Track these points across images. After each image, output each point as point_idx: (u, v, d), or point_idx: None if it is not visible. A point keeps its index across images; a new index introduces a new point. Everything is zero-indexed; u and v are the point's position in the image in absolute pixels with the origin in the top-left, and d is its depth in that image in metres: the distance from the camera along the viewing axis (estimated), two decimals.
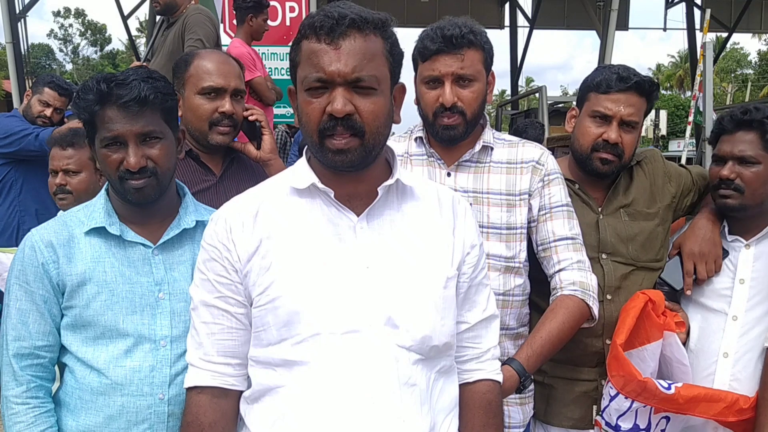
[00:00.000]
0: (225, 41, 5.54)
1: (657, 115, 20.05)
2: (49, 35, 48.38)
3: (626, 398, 1.86)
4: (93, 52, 49.18)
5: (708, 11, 8.02)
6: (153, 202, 1.62)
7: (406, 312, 1.33)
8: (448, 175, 1.95)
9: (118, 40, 48.67)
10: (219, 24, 5.01)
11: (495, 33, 17.98)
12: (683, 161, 7.73)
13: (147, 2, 12.51)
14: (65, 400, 1.59)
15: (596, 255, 2.04)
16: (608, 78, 2.02)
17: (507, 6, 17.73)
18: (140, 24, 31.72)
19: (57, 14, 48.67)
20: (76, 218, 1.63)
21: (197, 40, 4.10)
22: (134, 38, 17.23)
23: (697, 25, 13.51)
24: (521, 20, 17.34)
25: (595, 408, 2.04)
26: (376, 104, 1.30)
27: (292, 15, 6.67)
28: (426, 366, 1.36)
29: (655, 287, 2.09)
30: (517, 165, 1.95)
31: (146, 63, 4.89)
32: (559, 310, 1.84)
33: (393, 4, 14.63)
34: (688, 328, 2.06)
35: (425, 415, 1.34)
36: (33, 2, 10.99)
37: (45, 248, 1.56)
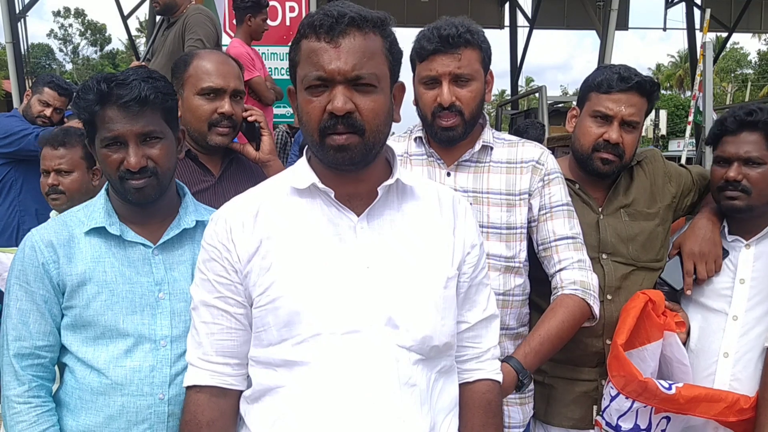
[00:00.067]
0: (226, 41, 5.53)
1: (657, 115, 20.04)
2: (49, 35, 48.43)
3: (627, 398, 1.86)
4: (93, 52, 49.22)
5: (708, 11, 8.03)
6: (153, 202, 1.62)
7: (407, 312, 1.33)
8: (448, 175, 1.95)
9: (118, 40, 48.74)
10: (220, 24, 5.00)
11: (495, 33, 18.01)
12: (683, 161, 7.73)
13: (147, 2, 12.51)
14: (65, 400, 1.59)
15: (596, 255, 2.04)
16: (609, 78, 2.02)
17: (507, 6, 17.72)
18: (140, 24, 31.72)
19: (57, 14, 48.71)
20: (76, 218, 1.63)
21: (197, 40, 4.09)
22: (134, 38, 17.23)
23: (697, 25, 13.52)
24: (521, 20, 17.35)
25: (596, 408, 2.04)
26: (377, 102, 1.30)
27: (292, 15, 6.66)
28: (426, 366, 1.36)
29: (656, 287, 2.09)
30: (517, 165, 1.95)
31: (146, 63, 4.88)
32: (559, 310, 1.83)
33: (393, 4, 14.63)
34: (689, 328, 2.06)
35: (425, 415, 1.34)
36: (33, 2, 11.00)
37: (45, 248, 1.56)
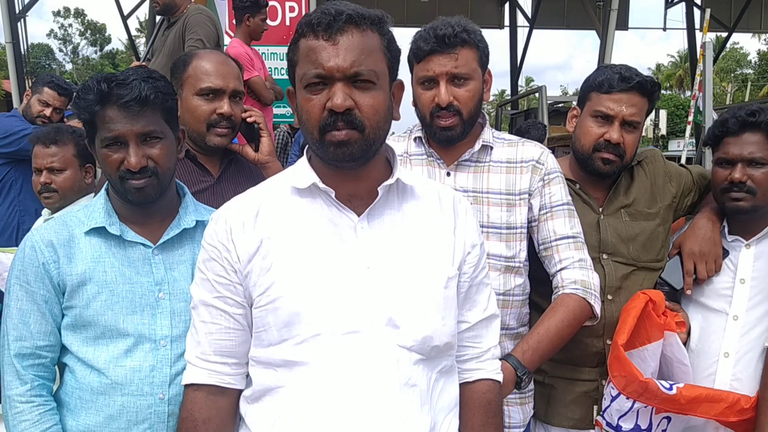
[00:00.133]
0: (228, 42, 5.53)
1: (657, 115, 20.01)
2: (49, 35, 48.39)
3: (628, 399, 1.86)
4: (93, 52, 49.19)
5: (708, 11, 8.03)
6: (153, 202, 1.62)
7: (407, 312, 1.33)
8: (448, 175, 1.95)
9: (118, 40, 48.73)
10: (220, 24, 5.00)
11: (495, 33, 18.00)
12: (683, 161, 7.73)
13: (147, 2, 12.51)
14: (65, 400, 1.59)
15: (597, 255, 2.04)
16: (610, 78, 2.02)
17: (507, 6, 17.71)
18: (140, 24, 31.71)
19: (57, 14, 48.69)
20: (76, 218, 1.63)
21: (197, 40, 4.09)
22: (134, 38, 17.22)
23: (697, 25, 13.52)
24: (521, 20, 17.33)
25: (596, 408, 2.04)
26: (376, 99, 1.30)
27: (292, 15, 6.66)
28: (427, 366, 1.36)
29: (656, 287, 2.09)
30: (517, 164, 1.95)
31: (146, 63, 4.88)
32: (559, 309, 1.84)
33: (393, 4, 14.61)
34: (689, 328, 2.06)
35: (425, 415, 1.34)
36: (33, 2, 10.99)
37: (45, 248, 1.56)
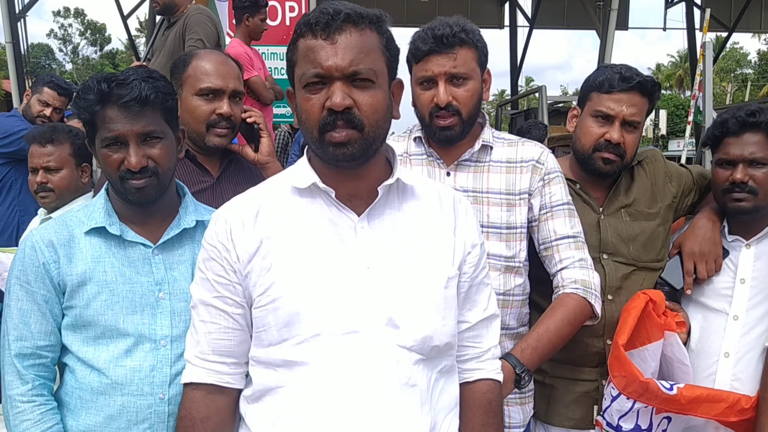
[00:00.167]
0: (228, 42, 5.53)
1: (657, 115, 20.02)
2: (49, 35, 48.39)
3: (628, 399, 1.86)
4: (93, 52, 49.18)
5: (708, 11, 8.02)
6: (153, 202, 1.62)
7: (407, 312, 1.33)
8: (448, 175, 1.95)
9: (118, 40, 48.72)
10: (221, 24, 5.00)
11: (495, 33, 17.99)
12: (683, 161, 7.73)
13: (147, 2, 12.51)
14: (65, 400, 1.59)
15: (597, 255, 2.04)
16: (611, 78, 2.02)
17: (507, 6, 17.71)
18: (140, 24, 31.71)
19: (57, 14, 48.69)
20: (76, 218, 1.63)
21: (198, 40, 4.09)
22: (134, 38, 17.21)
23: (697, 25, 13.51)
24: (521, 20, 17.32)
25: (596, 408, 2.04)
26: (375, 97, 1.30)
27: (292, 15, 6.66)
28: (427, 366, 1.36)
29: (656, 287, 2.09)
30: (517, 164, 1.95)
31: (146, 63, 4.88)
32: (558, 308, 1.84)
33: (393, 4, 14.60)
34: (689, 328, 2.06)
35: (425, 415, 1.34)
36: (33, 2, 10.99)
37: (46, 248, 1.56)
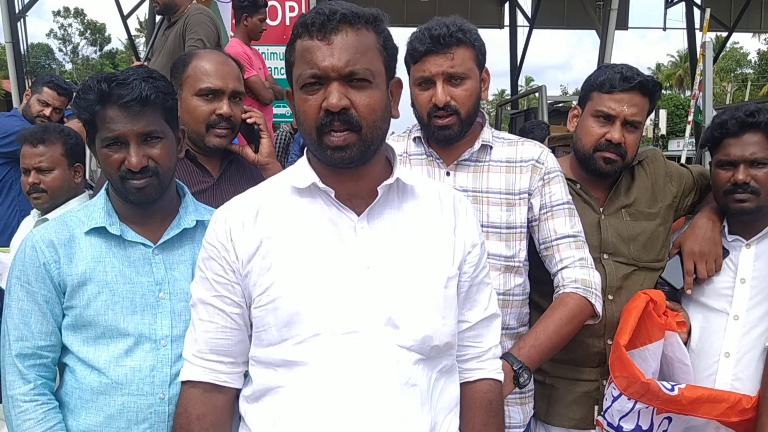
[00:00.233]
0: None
1: (657, 115, 20.01)
2: (49, 35, 48.38)
3: (629, 399, 1.86)
4: (92, 52, 49.16)
5: (708, 11, 8.02)
6: (153, 202, 1.62)
7: (407, 312, 1.33)
8: (447, 175, 1.95)
9: (118, 40, 48.71)
10: (223, 24, 5.00)
11: (494, 32, 17.99)
12: (683, 160, 7.73)
13: (146, 2, 12.51)
14: (65, 400, 1.59)
15: (598, 255, 2.03)
16: (612, 78, 2.01)
17: (506, 5, 17.71)
18: (140, 24, 31.70)
19: (57, 14, 48.68)
20: (77, 218, 1.63)
21: (198, 40, 4.09)
22: (134, 38, 17.21)
23: (697, 25, 13.50)
24: (521, 20, 17.33)
25: (597, 408, 2.04)
26: (372, 97, 1.30)
27: (292, 15, 6.66)
28: (427, 366, 1.36)
29: (656, 287, 2.09)
30: (517, 164, 1.95)
31: (146, 63, 4.88)
32: (558, 308, 1.84)
33: (393, 4, 14.60)
34: (690, 328, 2.06)
35: (425, 415, 1.34)
36: (33, 2, 10.99)
37: (46, 248, 1.56)
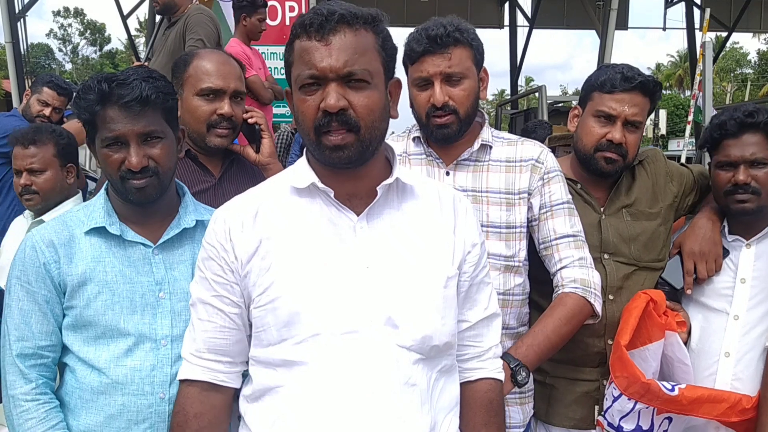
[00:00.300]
0: None
1: (657, 115, 20.02)
2: (49, 35, 48.37)
3: (629, 399, 1.86)
4: (92, 52, 49.16)
5: (707, 11, 8.02)
6: (154, 202, 1.62)
7: (406, 312, 1.33)
8: (447, 174, 1.95)
9: (118, 40, 48.71)
10: (227, 24, 5.00)
11: (494, 32, 17.99)
12: (683, 160, 7.73)
13: (146, 2, 12.51)
14: (65, 400, 1.59)
15: (598, 255, 2.03)
16: (613, 78, 2.01)
17: (506, 5, 17.71)
18: (140, 23, 31.69)
19: (56, 14, 48.67)
20: (76, 218, 1.63)
21: (198, 40, 4.09)
22: (134, 38, 17.20)
23: (697, 25, 13.50)
24: (521, 20, 17.32)
25: (597, 408, 2.04)
26: (370, 98, 1.30)
27: (292, 15, 6.67)
28: (427, 365, 1.36)
29: (656, 287, 2.09)
30: (516, 163, 1.95)
31: (146, 63, 4.88)
32: (556, 307, 1.84)
33: (393, 4, 14.59)
34: (690, 328, 2.06)
35: (425, 415, 1.34)
36: (32, 2, 10.99)
37: (46, 248, 1.56)
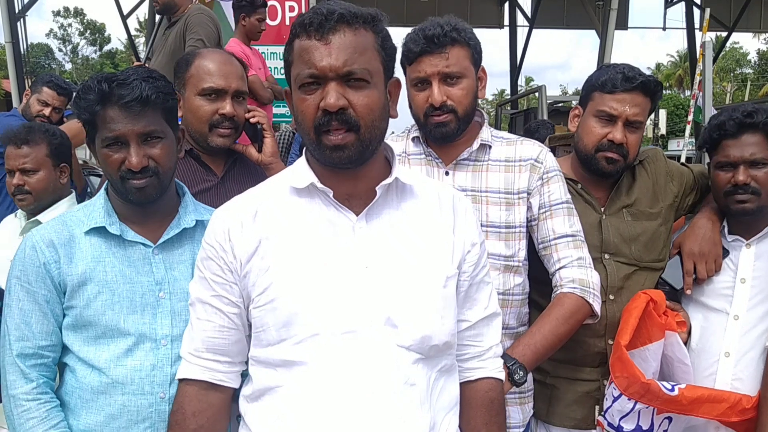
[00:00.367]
0: None
1: (657, 115, 20.03)
2: (49, 35, 48.38)
3: (629, 399, 1.86)
4: (92, 52, 49.17)
5: (707, 10, 8.01)
6: (154, 202, 1.62)
7: (406, 312, 1.33)
8: (446, 174, 1.94)
9: (117, 40, 48.73)
10: (228, 24, 5.00)
11: (494, 32, 18.02)
12: (683, 160, 7.72)
13: (146, 2, 12.51)
14: (65, 400, 1.59)
15: (599, 255, 2.03)
16: (613, 78, 2.01)
17: (506, 5, 17.71)
18: (139, 23, 31.70)
19: (56, 14, 48.68)
20: (76, 218, 1.63)
21: (198, 40, 4.09)
22: (133, 38, 17.21)
23: (697, 25, 13.52)
24: (521, 19, 17.34)
25: (597, 408, 2.04)
26: (370, 97, 1.30)
27: (292, 14, 6.67)
28: (426, 365, 1.36)
29: (656, 287, 2.09)
30: (516, 163, 1.94)
31: (146, 63, 4.88)
32: (554, 307, 1.84)
33: (393, 4, 14.60)
34: (690, 328, 2.06)
35: (425, 414, 1.34)
36: (32, 2, 11.01)
37: (46, 248, 1.56)
